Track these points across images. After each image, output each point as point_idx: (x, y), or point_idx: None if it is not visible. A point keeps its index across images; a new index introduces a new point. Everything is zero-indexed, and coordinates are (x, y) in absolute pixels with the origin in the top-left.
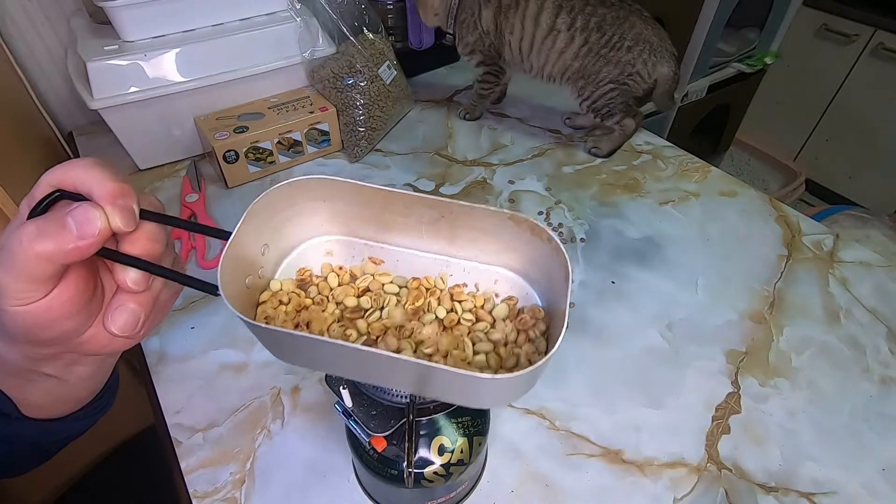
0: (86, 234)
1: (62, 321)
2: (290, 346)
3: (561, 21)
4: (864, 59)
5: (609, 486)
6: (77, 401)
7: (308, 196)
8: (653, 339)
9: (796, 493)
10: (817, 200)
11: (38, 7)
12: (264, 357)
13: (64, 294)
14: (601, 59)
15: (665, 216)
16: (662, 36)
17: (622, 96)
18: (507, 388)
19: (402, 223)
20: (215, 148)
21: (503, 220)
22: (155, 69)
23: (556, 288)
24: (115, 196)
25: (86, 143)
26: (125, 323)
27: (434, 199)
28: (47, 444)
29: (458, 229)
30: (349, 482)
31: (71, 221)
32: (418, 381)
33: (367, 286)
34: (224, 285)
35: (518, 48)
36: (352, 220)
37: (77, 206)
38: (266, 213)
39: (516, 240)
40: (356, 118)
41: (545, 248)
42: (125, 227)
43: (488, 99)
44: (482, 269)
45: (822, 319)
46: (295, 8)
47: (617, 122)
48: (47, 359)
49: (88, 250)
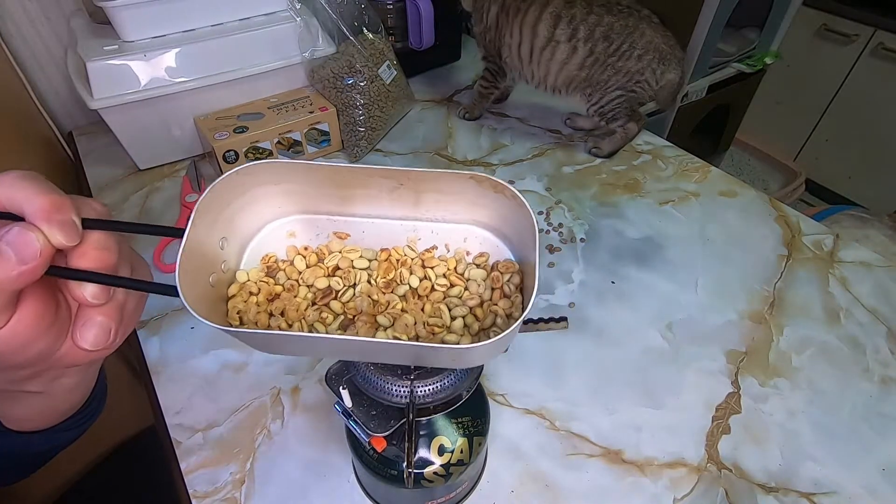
0: (26, 259)
1: (32, 344)
2: (266, 343)
3: (560, 32)
4: (864, 59)
5: (609, 486)
6: (62, 412)
7: (258, 181)
8: (653, 339)
9: (796, 493)
10: (817, 200)
11: (38, 7)
12: (264, 357)
13: (26, 318)
14: (609, 67)
15: (665, 216)
16: (672, 42)
17: (629, 102)
18: (489, 350)
19: (362, 195)
20: (215, 148)
21: (465, 180)
22: (155, 69)
23: (526, 241)
24: (50, 211)
25: (86, 143)
26: (95, 338)
27: (389, 169)
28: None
29: (421, 194)
30: (349, 482)
31: (6, 248)
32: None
33: (337, 264)
34: (185, 289)
35: (517, 54)
36: (310, 198)
37: (9, 229)
38: (217, 206)
39: (482, 197)
40: (356, 118)
41: (510, 204)
42: (68, 241)
43: (487, 99)
44: (451, 229)
45: (822, 319)
46: (295, 8)
47: (621, 125)
48: (29, 378)
49: (34, 274)
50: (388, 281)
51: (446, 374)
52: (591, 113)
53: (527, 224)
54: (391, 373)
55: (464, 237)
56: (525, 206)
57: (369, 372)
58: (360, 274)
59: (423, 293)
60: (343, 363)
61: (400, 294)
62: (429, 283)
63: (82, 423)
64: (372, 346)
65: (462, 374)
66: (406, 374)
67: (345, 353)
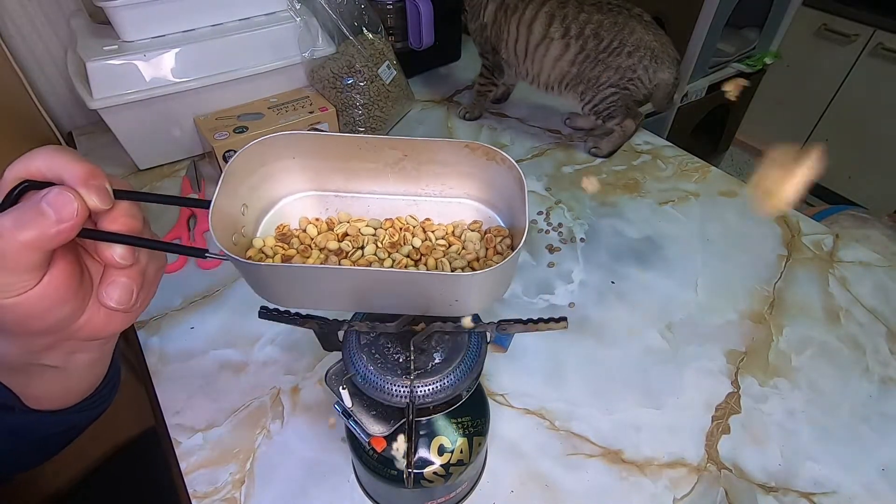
0: (64, 217)
1: (57, 308)
2: (284, 282)
3: (554, 30)
4: (863, 59)
5: (609, 486)
6: (79, 391)
7: (277, 154)
8: (653, 339)
9: (796, 492)
10: (817, 200)
11: (38, 7)
12: (264, 357)
13: (55, 280)
14: (600, 64)
15: (665, 216)
16: (664, 41)
17: (623, 100)
18: (484, 284)
19: (369, 169)
20: (215, 148)
21: (460, 148)
22: (155, 69)
23: (515, 205)
24: (87, 177)
25: (86, 143)
26: (120, 296)
27: (395, 139)
28: (52, 437)
29: (421, 166)
30: (349, 482)
31: (47, 207)
32: (406, 294)
33: (346, 231)
34: (220, 240)
35: (514, 51)
36: (321, 173)
37: (49, 191)
38: (241, 174)
39: (475, 167)
40: (356, 118)
41: (501, 169)
42: (102, 204)
43: (486, 97)
44: (447, 203)
45: (822, 319)
46: (295, 8)
47: (617, 123)
48: (47, 349)
49: (71, 232)
50: (393, 242)
51: (446, 374)
52: (586, 112)
53: (515, 185)
54: (391, 373)
55: (459, 209)
56: (515, 168)
57: (369, 372)
58: (367, 238)
59: (426, 251)
60: (343, 363)
61: (404, 253)
62: (430, 243)
63: (96, 406)
64: (377, 275)
65: (462, 374)
66: (406, 373)
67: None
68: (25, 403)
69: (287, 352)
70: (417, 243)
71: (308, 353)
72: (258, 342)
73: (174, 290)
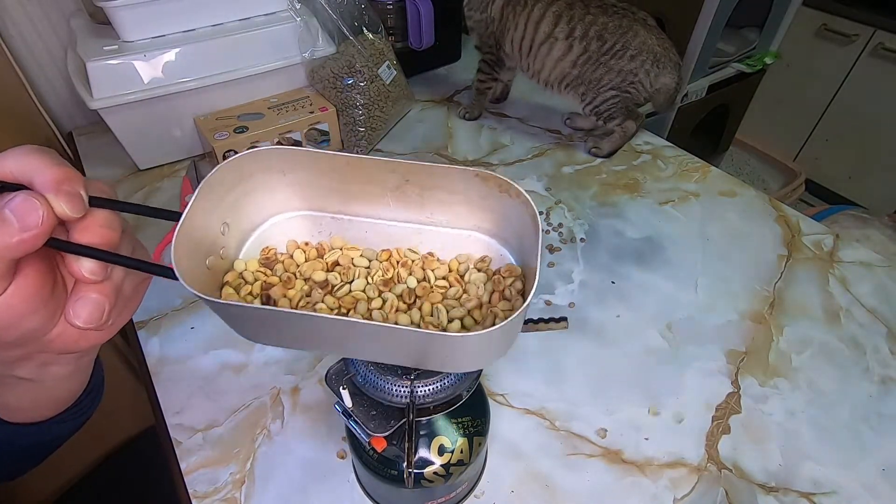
0: (28, 226)
1: (24, 319)
2: (254, 323)
3: (559, 30)
4: (864, 59)
5: (609, 486)
6: (57, 403)
7: (264, 168)
8: (653, 339)
9: (796, 493)
10: (817, 200)
11: (38, 7)
12: (264, 357)
13: (22, 290)
14: (602, 66)
15: (665, 216)
16: (667, 45)
17: (624, 102)
18: (481, 346)
19: (367, 192)
20: (215, 148)
21: (470, 178)
22: (155, 69)
23: (528, 244)
24: (59, 181)
25: (86, 143)
26: (89, 314)
27: (396, 161)
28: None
29: (426, 191)
30: (349, 482)
31: (9, 214)
32: (395, 348)
33: (337, 260)
34: (179, 263)
35: (518, 46)
36: (315, 192)
37: (14, 196)
38: (221, 189)
39: (486, 198)
40: (356, 118)
41: (514, 204)
42: (72, 213)
43: (486, 96)
44: (454, 234)
45: (822, 319)
46: (295, 8)
47: (618, 124)
48: (17, 361)
49: (35, 242)
50: (386, 280)
51: (447, 374)
52: (586, 112)
53: (530, 223)
54: (391, 373)
55: (467, 241)
56: (531, 206)
57: (369, 372)
58: (358, 271)
59: (422, 294)
60: (343, 363)
61: (397, 293)
62: (427, 284)
63: (77, 417)
64: (363, 329)
65: (462, 375)
66: (406, 374)
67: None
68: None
69: (287, 352)
70: (413, 283)
71: (308, 352)
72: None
73: (174, 290)
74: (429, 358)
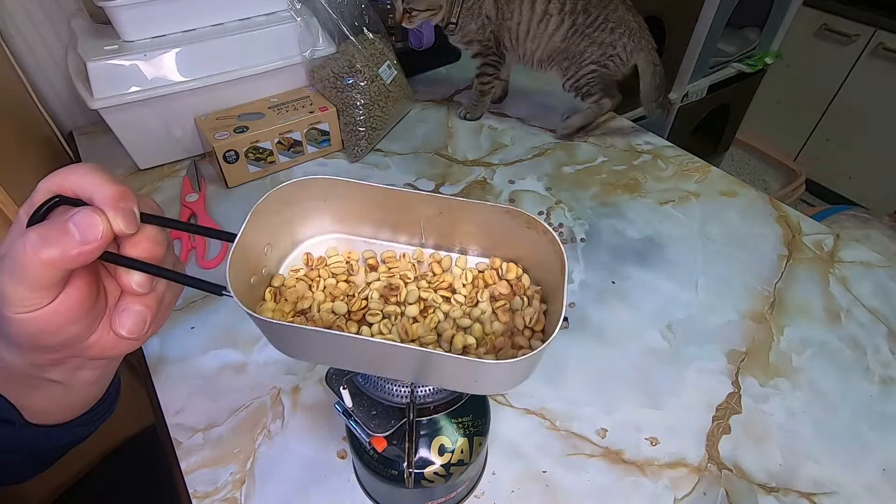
0: (89, 239)
1: (68, 326)
2: (297, 341)
3: (553, 6)
4: (864, 59)
5: (609, 486)
6: (80, 406)
7: (310, 195)
8: (653, 339)
9: (796, 493)
10: (817, 200)
11: (38, 7)
12: (264, 357)
13: (69, 299)
14: (585, 38)
15: (665, 216)
16: (642, 25)
17: (602, 78)
18: (505, 374)
19: (401, 220)
20: (215, 148)
21: (499, 214)
22: (155, 69)
23: (554, 280)
24: (117, 199)
25: (86, 143)
26: (133, 325)
27: (432, 196)
28: (46, 451)
29: (456, 223)
30: (349, 482)
31: (73, 227)
32: (420, 369)
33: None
34: (233, 283)
35: (516, 34)
36: (351, 218)
37: (78, 211)
38: (269, 213)
39: (513, 233)
40: (356, 118)
41: (541, 242)
42: (127, 229)
43: (489, 96)
44: (480, 262)
45: (823, 319)
46: (295, 8)
47: (595, 100)
48: (52, 364)
49: (92, 255)
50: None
51: None
52: (567, 88)
53: (557, 263)
54: None
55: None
56: (558, 245)
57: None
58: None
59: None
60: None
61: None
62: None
63: (95, 420)
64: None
65: None
66: None
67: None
68: (25, 417)
69: None
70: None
71: None
72: (258, 342)
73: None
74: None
